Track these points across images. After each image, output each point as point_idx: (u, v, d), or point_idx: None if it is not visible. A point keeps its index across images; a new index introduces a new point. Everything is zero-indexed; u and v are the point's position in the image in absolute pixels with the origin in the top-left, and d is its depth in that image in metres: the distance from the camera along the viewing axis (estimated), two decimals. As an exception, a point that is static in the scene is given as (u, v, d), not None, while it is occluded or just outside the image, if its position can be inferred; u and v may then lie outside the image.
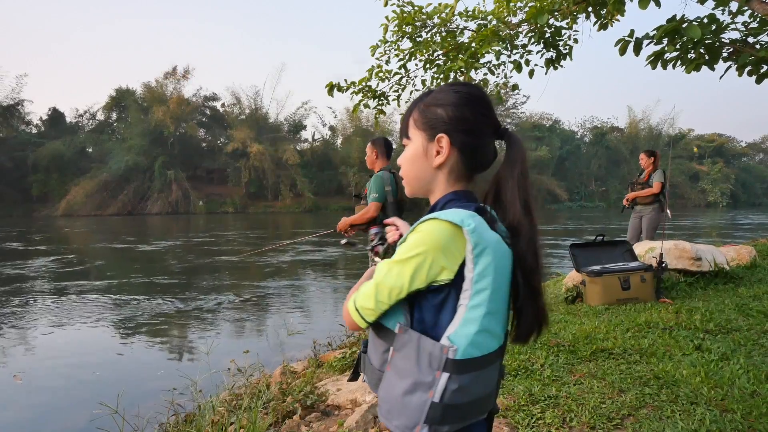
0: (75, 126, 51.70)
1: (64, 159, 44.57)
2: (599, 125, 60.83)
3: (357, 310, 0.92)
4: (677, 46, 3.17)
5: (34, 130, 49.87)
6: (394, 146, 4.11)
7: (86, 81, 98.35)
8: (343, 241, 1.26)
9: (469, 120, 0.95)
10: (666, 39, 3.18)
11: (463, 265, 0.86)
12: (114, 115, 52.29)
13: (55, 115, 50.90)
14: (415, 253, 0.85)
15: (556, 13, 4.03)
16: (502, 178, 0.94)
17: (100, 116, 52.12)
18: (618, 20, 4.30)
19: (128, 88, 49.93)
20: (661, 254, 4.62)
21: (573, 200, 52.46)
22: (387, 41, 4.71)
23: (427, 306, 0.89)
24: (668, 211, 5.53)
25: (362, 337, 4.08)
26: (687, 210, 45.25)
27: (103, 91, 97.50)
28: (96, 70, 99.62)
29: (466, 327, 0.86)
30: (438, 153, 0.96)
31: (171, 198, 44.44)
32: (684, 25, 2.98)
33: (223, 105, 52.40)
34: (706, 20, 3.11)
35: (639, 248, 5.13)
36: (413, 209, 4.05)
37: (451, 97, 0.96)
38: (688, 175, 55.53)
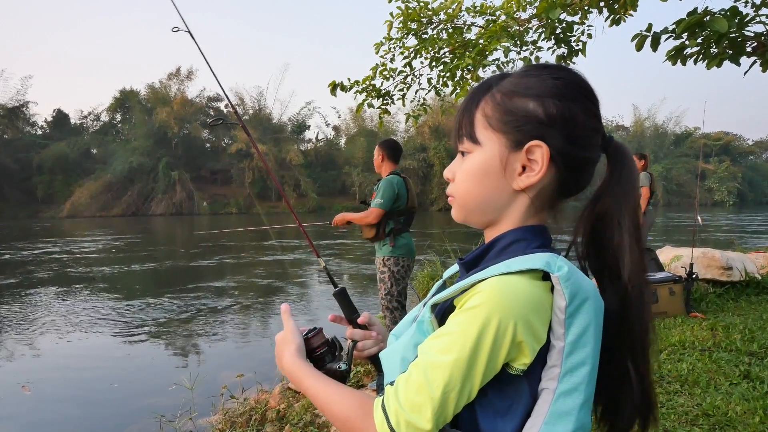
0: (79, 127, 51.88)
1: (69, 160, 44.72)
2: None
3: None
4: (699, 41, 3.01)
5: (38, 132, 50.07)
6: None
7: (91, 82, 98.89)
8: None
9: (579, 123, 0.65)
10: (686, 33, 3.01)
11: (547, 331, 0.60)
12: (118, 117, 52.41)
13: (60, 117, 51.08)
14: (488, 342, 0.57)
15: (567, 8, 3.88)
16: (609, 212, 0.66)
17: (105, 117, 52.32)
18: (631, 15, 4.14)
19: (132, 90, 50.06)
20: (691, 264, 4.36)
21: (578, 199, 52.19)
22: (391, 38, 4.57)
23: (486, 405, 0.61)
24: (699, 217, 5.26)
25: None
26: (693, 210, 44.82)
27: (108, 92, 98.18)
28: (100, 72, 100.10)
29: (557, 426, 0.58)
30: (525, 168, 0.65)
31: (175, 199, 44.47)
32: (707, 18, 2.81)
33: (226, 105, 52.35)
34: (728, 13, 2.95)
35: (662, 256, 4.92)
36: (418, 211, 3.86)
37: (549, 85, 0.65)
38: (695, 174, 55.05)
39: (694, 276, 4.33)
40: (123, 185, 44.51)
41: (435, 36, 4.53)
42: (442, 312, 0.65)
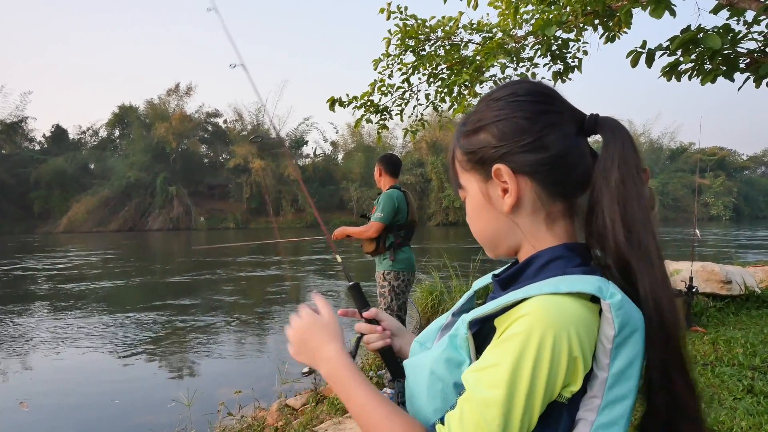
0: (78, 143, 52.07)
1: (66, 175, 44.76)
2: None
3: None
4: (693, 57, 3.06)
5: (37, 147, 50.22)
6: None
7: (90, 98, 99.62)
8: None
9: (527, 128, 0.65)
10: (680, 50, 3.07)
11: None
12: (117, 132, 52.72)
13: (59, 132, 51.27)
14: (545, 367, 0.54)
15: (563, 26, 3.94)
16: (593, 194, 0.64)
17: (103, 133, 52.63)
18: (625, 32, 4.21)
19: (131, 105, 50.41)
20: (691, 278, 4.36)
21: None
22: (390, 55, 4.63)
23: None
24: (697, 231, 5.26)
25: (366, 369, 3.82)
26: (690, 224, 44.90)
27: (107, 108, 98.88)
28: (100, 88, 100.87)
29: None
30: (505, 191, 0.66)
31: (172, 214, 44.45)
32: (701, 35, 2.87)
33: (225, 121, 52.67)
34: (720, 30, 3.01)
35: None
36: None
37: (492, 110, 0.67)
38: (690, 189, 55.41)
39: (694, 290, 4.32)
40: (120, 200, 44.49)
41: (433, 53, 4.59)
42: (477, 327, 0.63)
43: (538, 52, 4.30)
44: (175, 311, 7.90)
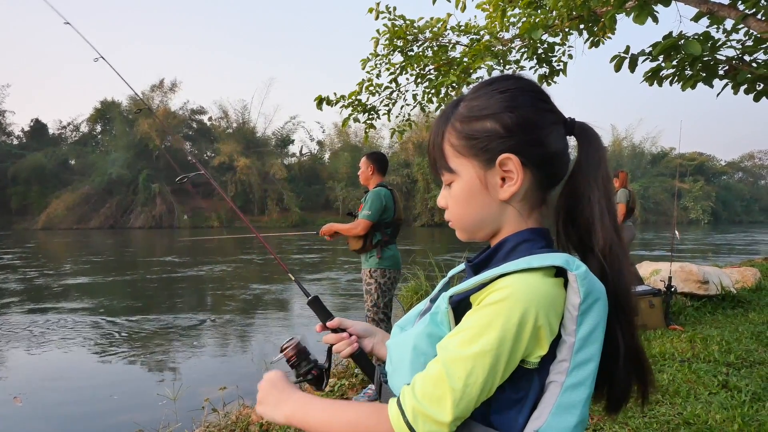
0: (58, 138, 50.98)
1: (46, 171, 43.77)
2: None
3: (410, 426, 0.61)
4: (674, 63, 3.14)
5: (15, 142, 49.04)
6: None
7: (71, 93, 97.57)
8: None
9: (537, 124, 0.68)
10: (662, 55, 3.14)
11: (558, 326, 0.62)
12: (98, 128, 51.72)
13: (38, 127, 50.14)
14: (512, 334, 0.58)
15: (549, 29, 4.00)
16: (579, 188, 0.70)
17: (84, 128, 51.57)
18: (609, 38, 4.29)
19: (114, 101, 49.46)
20: (670, 278, 4.46)
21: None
22: (378, 55, 4.65)
23: (499, 398, 0.63)
24: (677, 232, 5.38)
25: (352, 366, 3.83)
26: (669, 227, 45.74)
27: (88, 103, 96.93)
28: (81, 82, 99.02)
29: (562, 417, 0.60)
30: (505, 180, 0.69)
31: (155, 212, 43.80)
32: (682, 42, 2.94)
33: (210, 118, 52.17)
34: (701, 37, 3.09)
35: (642, 270, 5.03)
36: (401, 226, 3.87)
37: (498, 100, 0.69)
38: (671, 193, 56.56)
39: (672, 289, 4.43)
40: (101, 197, 43.65)
41: (420, 53, 4.62)
42: (457, 303, 0.67)
43: (525, 55, 4.36)
44: (158, 309, 7.80)
